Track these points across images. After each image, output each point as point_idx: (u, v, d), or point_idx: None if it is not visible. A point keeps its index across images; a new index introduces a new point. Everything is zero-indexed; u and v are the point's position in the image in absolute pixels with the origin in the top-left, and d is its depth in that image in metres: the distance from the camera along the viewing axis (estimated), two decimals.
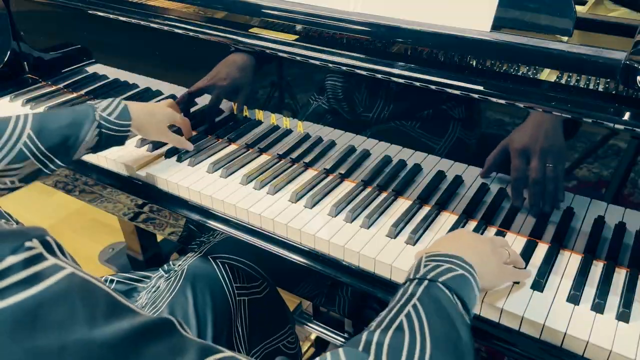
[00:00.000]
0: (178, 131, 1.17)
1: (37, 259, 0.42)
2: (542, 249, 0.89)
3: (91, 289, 0.44)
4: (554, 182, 0.86)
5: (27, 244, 0.42)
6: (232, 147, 1.19)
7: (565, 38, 0.85)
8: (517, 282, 0.82)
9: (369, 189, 1.03)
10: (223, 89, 1.15)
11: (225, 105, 1.17)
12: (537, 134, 0.84)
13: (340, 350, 0.54)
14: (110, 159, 1.15)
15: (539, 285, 0.81)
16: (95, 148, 1.00)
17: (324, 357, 0.54)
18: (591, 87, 0.83)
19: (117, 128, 1.00)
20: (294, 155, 1.11)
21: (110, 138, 1.00)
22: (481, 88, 0.85)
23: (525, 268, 0.84)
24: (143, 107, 1.07)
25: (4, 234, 0.42)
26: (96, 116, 0.97)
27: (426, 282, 0.64)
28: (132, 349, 0.43)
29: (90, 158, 1.18)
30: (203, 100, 1.21)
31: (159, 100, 1.28)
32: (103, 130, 0.98)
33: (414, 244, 0.89)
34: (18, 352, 0.39)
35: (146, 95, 1.30)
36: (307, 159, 1.10)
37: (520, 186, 0.89)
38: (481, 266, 0.70)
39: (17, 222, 0.76)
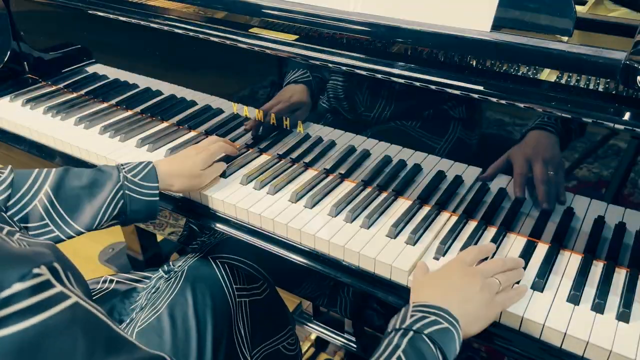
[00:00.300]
0: None
1: (44, 286, 0.42)
2: (542, 249, 0.89)
3: (94, 321, 0.45)
4: (556, 187, 0.86)
5: (35, 270, 0.42)
6: None
7: (565, 38, 0.85)
8: (518, 282, 0.82)
9: (369, 189, 1.03)
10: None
11: (225, 105, 1.17)
12: (538, 146, 0.84)
13: None
14: (110, 158, 1.15)
15: (539, 285, 0.81)
16: (122, 216, 0.91)
17: None
18: (591, 87, 0.83)
19: (141, 190, 0.91)
20: (294, 155, 1.11)
21: (136, 203, 0.90)
22: (481, 88, 0.85)
23: (525, 269, 0.84)
24: (170, 165, 0.97)
25: (12, 258, 0.42)
26: (120, 177, 0.90)
27: (411, 333, 0.65)
28: None
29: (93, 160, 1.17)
30: (203, 101, 1.21)
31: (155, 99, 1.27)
32: (127, 193, 0.89)
33: (413, 244, 0.89)
34: None
35: (146, 95, 1.30)
36: (307, 159, 1.10)
37: (523, 192, 0.89)
38: (467, 317, 0.71)
39: (21, 229, 0.76)
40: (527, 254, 0.87)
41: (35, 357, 0.40)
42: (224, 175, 1.07)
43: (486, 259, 0.85)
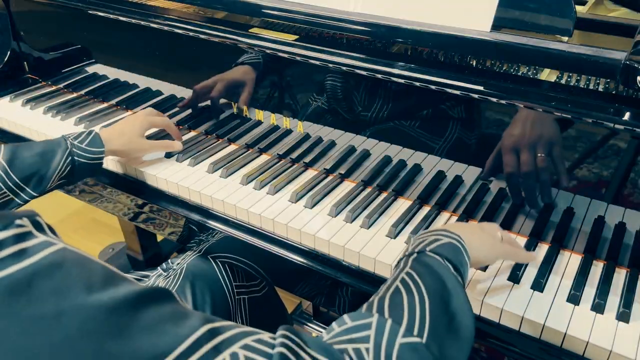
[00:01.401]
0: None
1: (27, 235, 0.42)
2: (542, 249, 0.89)
3: (86, 261, 0.45)
4: (549, 176, 0.86)
5: (17, 221, 0.42)
6: (232, 147, 1.19)
7: (565, 38, 0.85)
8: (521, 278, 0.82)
9: (369, 189, 1.03)
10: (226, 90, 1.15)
11: (225, 105, 1.17)
12: (525, 129, 0.84)
13: (345, 315, 0.56)
14: (109, 158, 1.15)
15: (539, 285, 0.81)
16: (69, 177, 0.99)
17: (330, 327, 0.55)
18: (591, 87, 0.83)
19: (89, 156, 0.99)
20: (294, 155, 1.11)
21: (83, 166, 0.99)
22: (481, 88, 0.85)
23: (523, 270, 0.84)
24: (112, 130, 1.06)
25: None
26: (68, 145, 0.97)
27: (415, 254, 0.65)
28: (131, 312, 0.43)
29: None
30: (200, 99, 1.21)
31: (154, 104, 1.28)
32: (75, 159, 0.97)
33: None
34: (16, 321, 0.39)
35: (146, 95, 1.30)
36: (307, 159, 1.10)
37: (518, 184, 0.89)
38: (469, 237, 0.71)
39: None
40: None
41: (29, 296, 0.40)
42: (224, 175, 1.07)
43: None
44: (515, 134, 0.85)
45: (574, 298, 0.79)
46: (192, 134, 1.25)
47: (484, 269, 0.84)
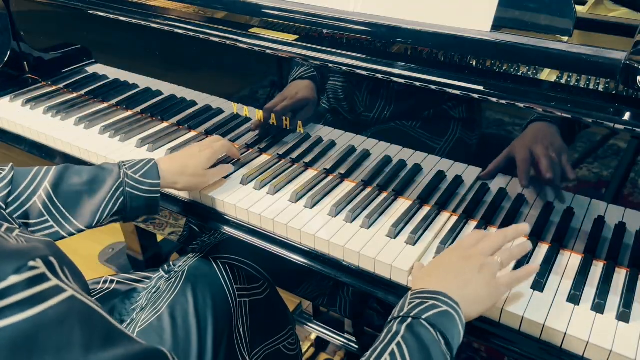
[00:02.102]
0: None
1: (40, 279, 0.42)
2: (542, 249, 0.89)
3: (90, 314, 0.45)
4: (561, 180, 0.86)
5: (31, 263, 0.42)
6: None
7: (566, 38, 0.85)
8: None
9: (369, 189, 1.03)
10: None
11: (225, 105, 1.17)
12: (538, 140, 0.83)
13: None
14: (110, 158, 1.15)
15: (539, 285, 0.81)
16: (122, 213, 0.90)
17: None
18: (591, 87, 0.83)
19: (142, 187, 0.89)
20: (294, 155, 1.11)
21: (137, 200, 0.89)
22: (481, 88, 0.85)
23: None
24: (173, 162, 0.96)
25: (8, 253, 0.42)
26: (121, 174, 0.89)
27: (410, 319, 0.64)
28: None
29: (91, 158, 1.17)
30: (203, 102, 1.21)
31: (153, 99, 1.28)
32: (127, 190, 0.88)
33: (413, 244, 0.89)
34: None
35: (146, 95, 1.30)
36: (307, 159, 1.10)
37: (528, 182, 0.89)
38: (467, 298, 0.69)
39: (20, 226, 0.76)
40: (527, 254, 0.87)
41: (31, 350, 0.39)
42: (224, 175, 1.07)
43: None
44: (526, 144, 0.84)
45: (574, 298, 0.79)
46: (192, 134, 1.25)
47: None
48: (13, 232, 0.51)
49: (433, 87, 0.88)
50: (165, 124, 1.29)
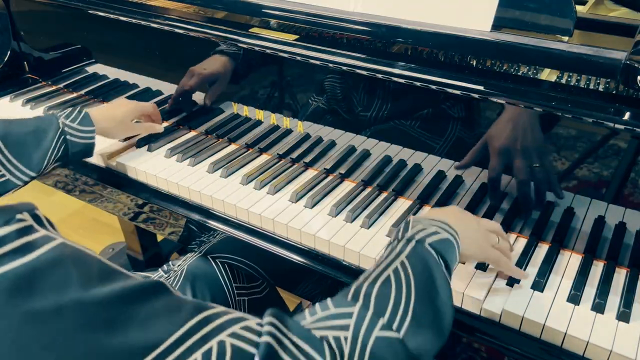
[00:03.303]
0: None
1: (28, 230, 0.44)
2: (542, 249, 0.89)
3: (83, 256, 0.46)
4: (543, 179, 0.86)
5: (18, 216, 0.43)
6: (232, 147, 1.19)
7: (566, 38, 0.85)
8: (517, 282, 0.82)
9: (369, 189, 1.03)
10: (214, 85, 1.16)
11: (225, 105, 1.17)
12: (515, 131, 0.85)
13: (329, 300, 0.58)
14: (112, 161, 1.15)
15: (539, 285, 0.81)
16: (64, 158, 0.99)
17: (313, 309, 0.57)
18: (591, 87, 0.83)
19: (80, 135, 1.00)
20: (294, 155, 1.11)
21: (76, 146, 0.99)
22: (481, 88, 0.85)
23: (525, 269, 0.84)
24: (103, 111, 1.08)
25: None
26: (60, 123, 0.97)
27: (414, 242, 0.66)
28: (127, 306, 0.45)
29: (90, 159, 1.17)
30: (202, 101, 1.21)
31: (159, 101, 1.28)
32: (67, 137, 0.97)
33: None
34: (16, 315, 0.40)
35: (146, 95, 1.30)
36: (307, 159, 1.10)
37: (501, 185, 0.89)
38: (464, 234, 0.73)
39: None
40: (527, 253, 0.87)
41: (31, 290, 0.41)
42: (224, 175, 1.07)
43: None
44: (501, 137, 0.86)
45: (574, 298, 0.79)
46: (192, 133, 1.25)
47: (485, 269, 0.84)
48: None
49: (433, 87, 0.88)
50: (165, 124, 1.29)
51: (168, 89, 1.25)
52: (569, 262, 0.87)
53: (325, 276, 0.91)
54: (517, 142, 0.85)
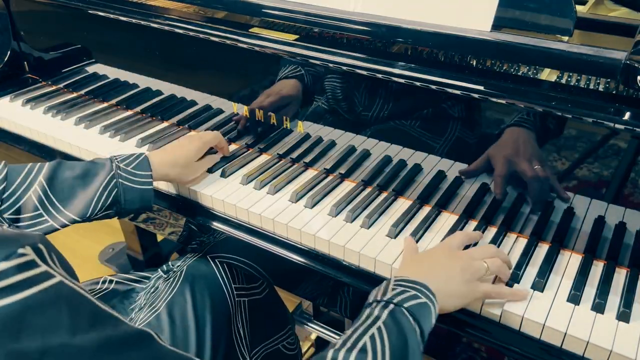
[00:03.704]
0: None
1: (29, 265, 0.43)
2: (542, 249, 0.89)
3: (77, 298, 0.46)
4: (545, 183, 0.86)
5: (20, 250, 0.43)
6: (233, 147, 1.19)
7: (566, 38, 0.85)
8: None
9: (369, 189, 1.03)
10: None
11: (225, 105, 1.17)
12: (516, 143, 0.85)
13: None
14: None
15: (539, 285, 0.81)
16: (117, 205, 0.91)
17: None
18: (591, 87, 0.83)
19: (135, 179, 0.91)
20: (294, 155, 1.11)
21: (130, 192, 0.91)
22: (481, 88, 0.85)
23: (523, 270, 0.84)
24: (165, 155, 0.98)
25: None
26: (113, 166, 0.90)
27: (392, 305, 0.67)
28: (107, 356, 0.45)
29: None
30: (203, 101, 1.21)
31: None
32: (120, 181, 0.90)
33: None
34: (1, 353, 0.40)
35: (146, 95, 1.30)
36: (307, 159, 1.10)
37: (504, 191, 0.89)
38: (445, 291, 0.73)
39: (10, 224, 0.77)
40: (527, 253, 0.87)
41: (19, 330, 0.41)
42: (223, 175, 1.07)
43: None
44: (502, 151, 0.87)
45: (574, 298, 0.79)
46: (192, 133, 1.25)
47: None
48: (2, 224, 0.52)
49: (433, 87, 0.88)
50: (165, 124, 1.29)
51: (168, 88, 1.25)
52: (569, 262, 0.87)
53: (325, 276, 0.91)
54: (520, 157, 0.85)
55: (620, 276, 0.83)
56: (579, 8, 0.94)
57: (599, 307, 0.77)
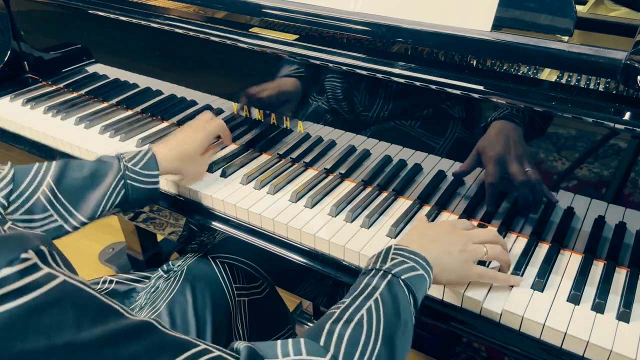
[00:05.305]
0: None
1: (31, 269, 0.44)
2: (542, 249, 0.89)
3: (81, 295, 0.47)
4: (533, 184, 0.86)
5: (23, 255, 0.44)
6: (232, 147, 1.19)
7: (566, 38, 0.85)
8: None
9: (369, 189, 1.03)
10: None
11: (225, 105, 1.17)
12: (505, 142, 0.86)
13: (302, 340, 0.59)
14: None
15: (539, 285, 0.81)
16: (124, 205, 0.92)
17: (285, 344, 0.59)
18: (591, 87, 0.83)
19: (142, 179, 0.92)
20: (294, 155, 1.11)
21: (137, 192, 0.91)
22: (481, 88, 0.85)
23: (523, 270, 0.84)
24: (170, 150, 0.98)
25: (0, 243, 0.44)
26: (121, 166, 0.90)
27: (390, 276, 0.69)
28: (112, 349, 0.46)
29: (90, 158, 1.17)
30: (203, 101, 1.21)
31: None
32: (128, 182, 0.90)
33: None
34: (6, 356, 0.40)
35: (146, 95, 1.30)
36: (307, 159, 1.10)
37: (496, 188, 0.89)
38: (443, 264, 0.76)
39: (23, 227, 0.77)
40: (527, 253, 0.87)
41: (25, 332, 0.41)
42: (223, 174, 1.07)
43: None
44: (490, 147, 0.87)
45: (574, 298, 0.79)
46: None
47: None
48: (5, 224, 0.52)
49: (433, 86, 0.88)
50: (165, 124, 1.29)
51: (168, 88, 1.25)
52: (569, 262, 0.87)
53: (325, 276, 0.91)
54: (509, 151, 0.86)
55: (620, 276, 0.83)
56: (579, 8, 0.94)
57: (599, 307, 0.77)
